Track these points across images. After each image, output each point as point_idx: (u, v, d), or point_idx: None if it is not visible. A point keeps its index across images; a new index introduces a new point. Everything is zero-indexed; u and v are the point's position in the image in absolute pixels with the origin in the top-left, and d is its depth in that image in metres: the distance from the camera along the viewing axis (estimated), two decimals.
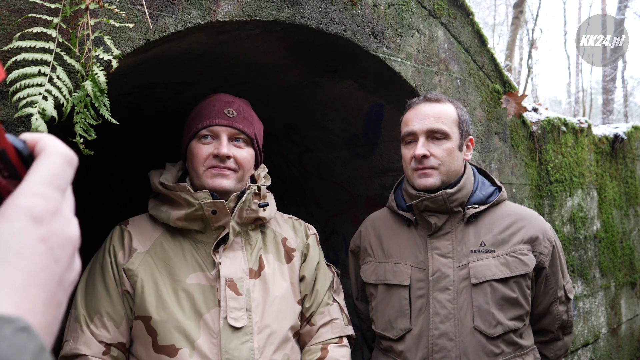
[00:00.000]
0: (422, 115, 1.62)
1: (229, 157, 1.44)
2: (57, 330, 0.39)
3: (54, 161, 0.42)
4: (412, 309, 1.61)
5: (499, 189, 1.72)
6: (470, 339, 1.54)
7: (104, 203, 4.60)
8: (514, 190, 2.72)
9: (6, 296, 0.35)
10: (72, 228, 0.42)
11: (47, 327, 0.37)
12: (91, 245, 1.59)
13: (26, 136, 0.44)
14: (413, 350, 1.59)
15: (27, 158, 0.43)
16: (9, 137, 0.42)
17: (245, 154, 1.49)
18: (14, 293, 0.35)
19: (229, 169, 1.45)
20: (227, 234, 1.45)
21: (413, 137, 1.63)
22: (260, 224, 1.56)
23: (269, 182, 1.61)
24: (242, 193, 1.49)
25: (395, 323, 1.63)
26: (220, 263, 1.42)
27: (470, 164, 1.78)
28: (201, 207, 1.40)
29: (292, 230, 1.65)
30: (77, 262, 0.43)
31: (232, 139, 1.47)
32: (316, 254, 1.65)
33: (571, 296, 1.72)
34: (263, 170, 1.64)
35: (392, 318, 1.64)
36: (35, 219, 0.39)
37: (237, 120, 1.48)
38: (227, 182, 1.45)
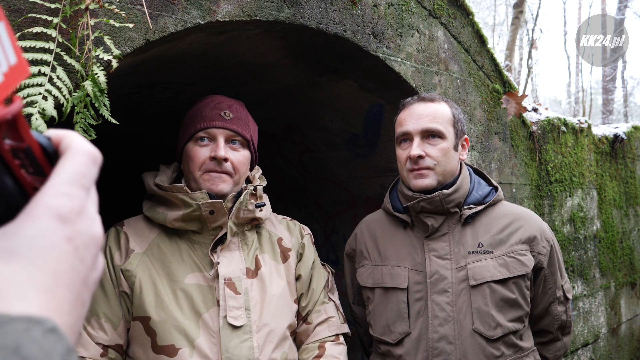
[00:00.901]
0: (416, 115, 1.60)
1: (225, 160, 1.45)
2: (81, 329, 0.40)
3: (80, 160, 0.42)
4: (410, 312, 1.59)
5: (495, 189, 1.70)
6: (470, 342, 1.52)
7: (104, 203, 4.59)
8: (514, 190, 2.72)
9: (34, 297, 0.35)
10: (96, 227, 0.42)
11: (73, 327, 0.38)
12: None
13: (51, 133, 0.44)
14: (412, 354, 1.57)
15: (52, 155, 0.43)
16: (34, 134, 0.42)
17: (241, 156, 1.50)
18: (41, 293, 0.35)
19: (226, 172, 1.46)
20: (225, 234, 1.45)
21: (408, 138, 1.61)
22: (255, 225, 1.57)
23: (264, 183, 1.62)
24: (240, 193, 1.50)
25: (394, 327, 1.61)
26: (218, 263, 1.43)
27: (466, 164, 1.76)
28: (199, 208, 1.40)
29: (286, 231, 1.66)
30: (101, 261, 0.44)
31: (228, 141, 1.48)
32: (311, 253, 1.67)
33: (570, 296, 1.71)
34: (258, 171, 1.65)
35: (390, 322, 1.62)
36: (61, 218, 0.39)
37: (234, 123, 1.48)
38: (223, 185, 1.46)
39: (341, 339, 1.62)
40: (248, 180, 1.61)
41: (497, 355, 1.53)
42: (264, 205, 1.53)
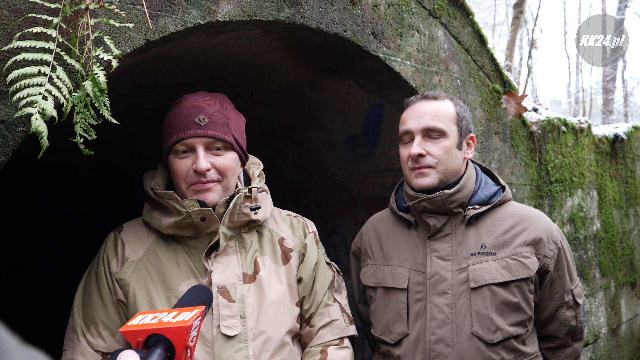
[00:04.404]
0: (418, 114, 1.58)
1: (209, 170, 1.38)
2: None
3: None
4: (410, 313, 1.57)
5: (503, 188, 1.66)
6: (468, 345, 1.50)
7: (106, 204, 4.60)
8: (514, 190, 2.72)
9: None
10: None
11: None
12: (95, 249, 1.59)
13: None
14: (410, 356, 1.55)
15: None
16: None
17: (227, 160, 1.42)
18: None
19: (212, 181, 1.40)
20: (219, 239, 1.41)
21: (410, 136, 1.59)
22: (255, 226, 1.51)
23: (261, 183, 1.55)
24: (233, 197, 1.44)
25: (393, 327, 1.60)
26: (211, 271, 1.39)
27: (474, 162, 1.73)
28: (189, 215, 1.37)
29: (289, 229, 1.60)
30: None
31: (209, 148, 1.39)
32: (314, 253, 1.59)
33: (580, 301, 1.64)
34: (258, 168, 1.59)
35: (389, 322, 1.61)
36: None
37: (211, 128, 1.38)
38: (212, 195, 1.40)
39: (346, 342, 1.56)
40: (248, 178, 1.57)
41: None
42: (258, 208, 1.47)
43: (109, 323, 1.38)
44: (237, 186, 1.51)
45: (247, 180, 1.57)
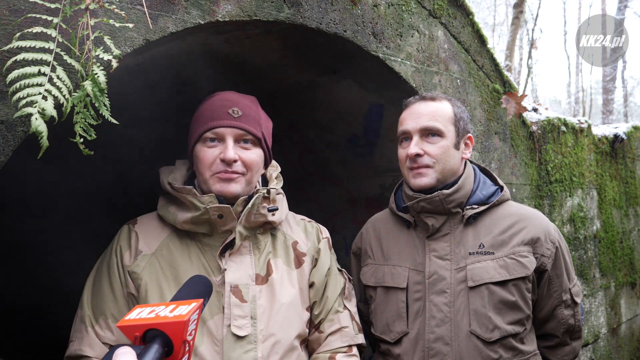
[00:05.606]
0: (416, 114, 1.60)
1: (235, 161, 1.39)
2: None
3: None
4: (409, 312, 1.58)
5: (501, 188, 1.68)
6: (466, 344, 1.51)
7: (107, 204, 4.59)
8: (514, 190, 2.72)
9: None
10: None
11: None
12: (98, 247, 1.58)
13: None
14: (410, 354, 1.56)
15: None
16: None
17: (254, 155, 1.43)
18: None
19: (236, 172, 1.40)
20: (234, 238, 1.41)
21: (407, 137, 1.61)
22: (270, 227, 1.51)
23: (280, 184, 1.56)
24: (251, 196, 1.44)
25: (393, 326, 1.61)
26: (225, 269, 1.39)
27: (472, 162, 1.75)
28: (207, 211, 1.36)
29: (303, 233, 1.60)
30: None
31: (238, 140, 1.41)
32: (327, 259, 1.59)
33: (578, 300, 1.66)
34: (275, 170, 1.60)
35: (389, 321, 1.62)
36: None
37: (243, 120, 1.41)
38: (234, 186, 1.40)
39: (354, 350, 1.54)
40: (265, 180, 1.57)
41: (495, 358, 1.51)
42: (276, 209, 1.48)
43: (118, 315, 1.37)
44: (255, 187, 1.51)
45: (265, 182, 1.57)
